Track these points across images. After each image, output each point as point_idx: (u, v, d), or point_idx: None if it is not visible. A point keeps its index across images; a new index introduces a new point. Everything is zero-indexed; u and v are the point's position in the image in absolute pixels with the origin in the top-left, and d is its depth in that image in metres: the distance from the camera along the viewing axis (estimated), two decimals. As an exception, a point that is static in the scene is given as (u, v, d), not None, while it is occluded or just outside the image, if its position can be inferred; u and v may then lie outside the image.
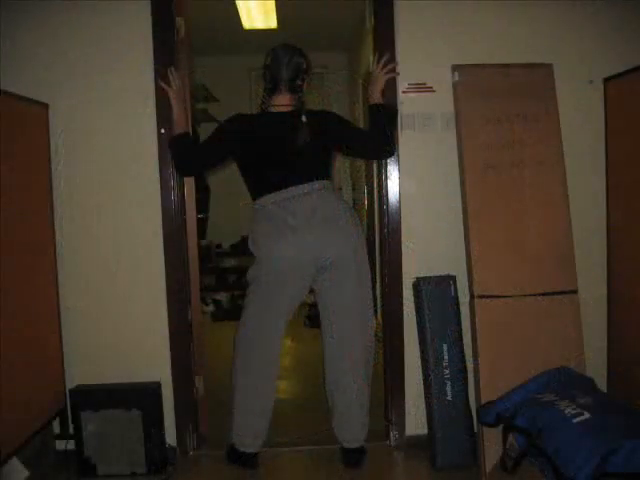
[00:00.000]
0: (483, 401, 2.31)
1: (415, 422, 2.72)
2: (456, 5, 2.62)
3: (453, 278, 2.57)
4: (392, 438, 2.75)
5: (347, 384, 2.51)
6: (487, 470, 2.31)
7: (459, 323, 2.56)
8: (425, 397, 2.59)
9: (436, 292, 2.54)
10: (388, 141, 2.51)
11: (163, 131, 2.59)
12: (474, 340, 2.43)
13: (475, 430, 2.50)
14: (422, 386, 2.61)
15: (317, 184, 2.43)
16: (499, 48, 2.63)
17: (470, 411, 2.54)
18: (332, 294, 2.48)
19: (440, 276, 2.58)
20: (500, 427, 2.12)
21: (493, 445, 2.27)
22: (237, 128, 2.47)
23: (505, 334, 2.40)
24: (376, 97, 2.54)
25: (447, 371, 2.52)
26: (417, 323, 2.61)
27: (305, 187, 2.41)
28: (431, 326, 2.52)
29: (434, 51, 2.64)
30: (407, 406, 2.73)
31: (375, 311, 3.42)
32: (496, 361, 2.37)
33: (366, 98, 2.71)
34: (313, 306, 4.69)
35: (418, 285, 2.57)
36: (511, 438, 2.08)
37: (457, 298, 2.56)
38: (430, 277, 2.58)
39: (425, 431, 2.62)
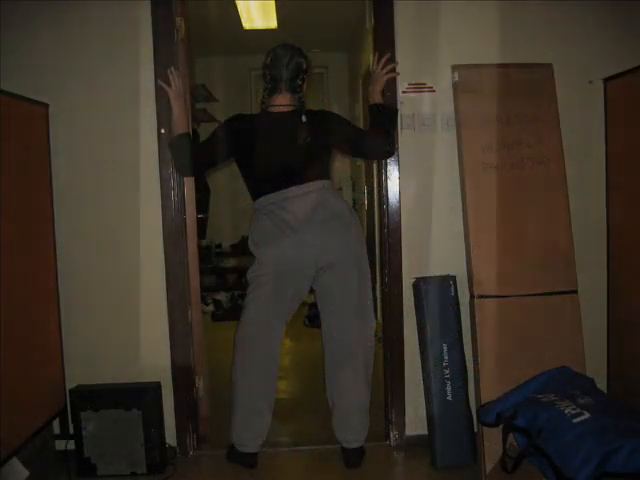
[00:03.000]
0: (483, 401, 2.31)
1: (415, 422, 2.72)
2: (456, 5, 2.62)
3: (453, 278, 2.57)
4: (392, 438, 2.75)
5: (347, 384, 2.51)
6: (487, 470, 2.31)
7: (459, 323, 2.56)
8: (425, 397, 2.59)
9: (436, 292, 2.54)
10: (388, 141, 2.52)
11: (163, 131, 2.59)
12: (474, 340, 2.43)
13: (475, 430, 2.50)
14: (422, 386, 2.61)
15: (317, 184, 2.43)
16: (499, 48, 2.63)
17: (470, 411, 2.54)
18: (332, 294, 2.48)
19: (440, 276, 2.58)
20: (500, 427, 2.12)
21: (493, 445, 2.27)
22: (237, 128, 2.47)
23: (505, 334, 2.40)
24: (376, 97, 2.54)
25: (447, 371, 2.52)
26: (417, 323, 2.61)
27: (305, 187, 2.41)
28: (431, 326, 2.52)
29: (434, 51, 2.64)
30: (407, 406, 2.73)
31: (375, 311, 3.42)
32: (496, 361, 2.37)
33: (366, 98, 2.71)
34: (313, 306, 4.70)
35: (418, 285, 2.57)
36: (511, 438, 2.08)
37: (457, 298, 2.56)
38: (430, 277, 2.58)
39: (425, 431, 2.62)
